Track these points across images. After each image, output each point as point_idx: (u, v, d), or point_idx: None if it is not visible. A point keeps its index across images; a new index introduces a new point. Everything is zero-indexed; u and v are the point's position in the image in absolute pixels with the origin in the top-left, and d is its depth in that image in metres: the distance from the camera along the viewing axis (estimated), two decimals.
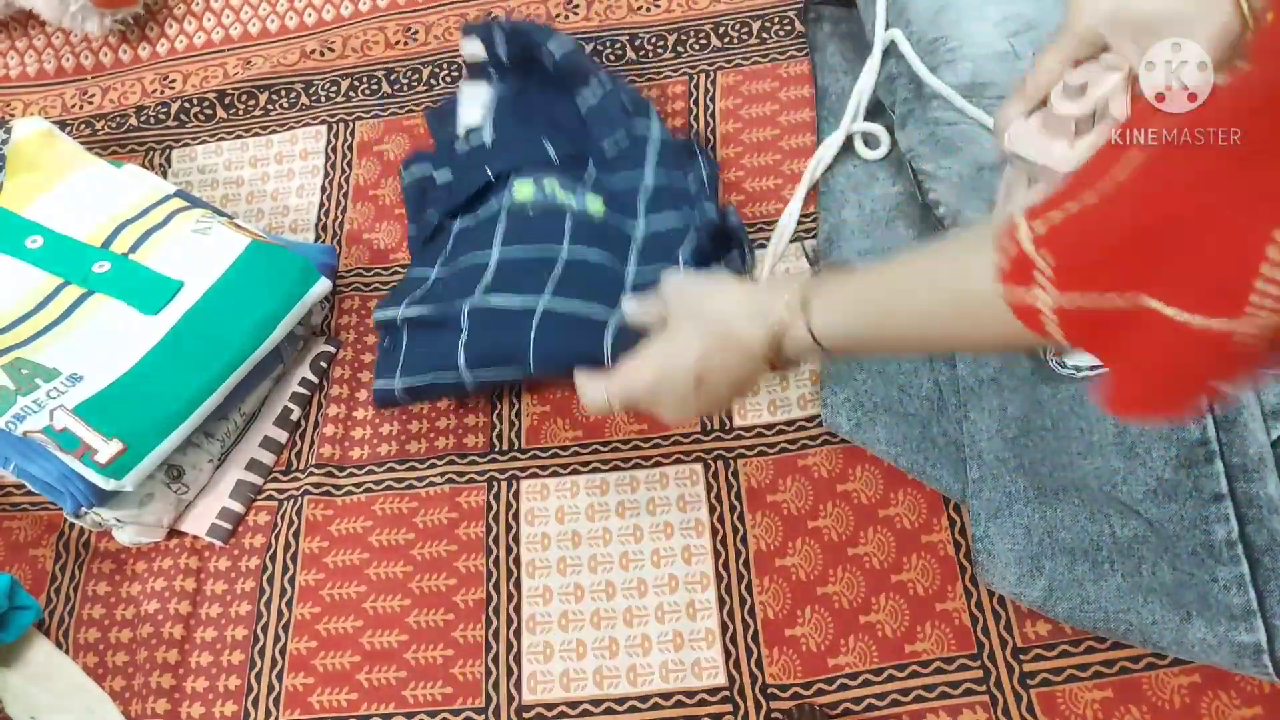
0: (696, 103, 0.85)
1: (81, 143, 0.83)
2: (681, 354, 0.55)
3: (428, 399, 0.74)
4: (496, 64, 0.83)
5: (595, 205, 0.75)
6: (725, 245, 0.75)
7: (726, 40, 0.88)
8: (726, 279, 0.58)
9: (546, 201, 0.74)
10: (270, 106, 0.93)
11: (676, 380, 0.56)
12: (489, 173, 0.78)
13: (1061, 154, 0.55)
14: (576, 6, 0.92)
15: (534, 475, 0.72)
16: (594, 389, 0.59)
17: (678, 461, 0.71)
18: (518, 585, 0.68)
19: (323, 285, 0.75)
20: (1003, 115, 0.57)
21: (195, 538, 0.73)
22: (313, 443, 0.76)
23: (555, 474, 0.72)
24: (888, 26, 0.77)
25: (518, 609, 0.67)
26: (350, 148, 0.89)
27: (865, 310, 0.52)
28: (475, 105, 0.82)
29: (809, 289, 0.52)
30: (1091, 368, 0.63)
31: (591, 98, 0.79)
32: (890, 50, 0.76)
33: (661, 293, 0.59)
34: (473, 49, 0.83)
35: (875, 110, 0.79)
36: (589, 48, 0.89)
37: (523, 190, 0.75)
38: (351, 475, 0.74)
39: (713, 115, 0.84)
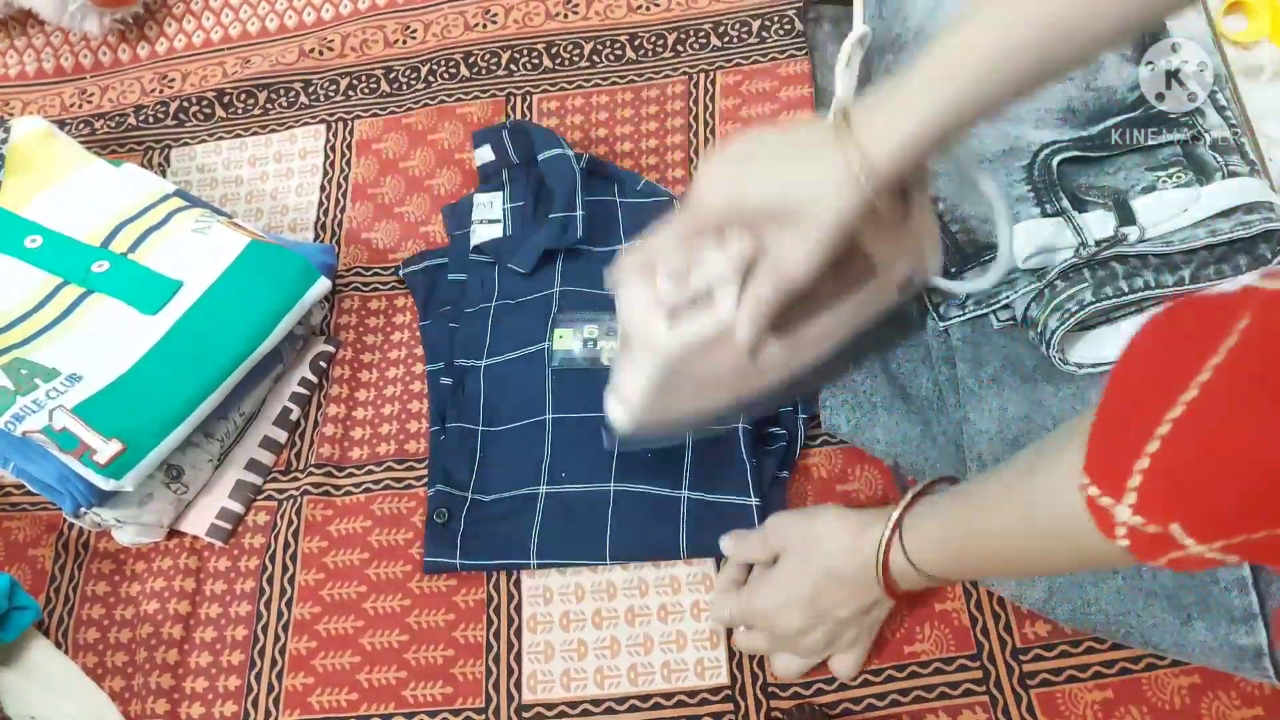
0: (696, 102, 0.85)
1: (80, 142, 0.83)
2: (797, 590, 0.58)
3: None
4: (508, 165, 0.83)
5: None
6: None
7: (726, 40, 0.88)
8: (825, 513, 0.59)
9: (590, 354, 0.72)
10: (269, 105, 0.92)
11: (795, 616, 0.58)
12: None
13: (658, 333, 0.51)
14: (576, 6, 0.92)
15: None
16: (720, 607, 0.63)
17: None
18: (518, 585, 0.68)
19: (322, 285, 0.75)
20: (619, 267, 0.53)
21: (195, 538, 0.73)
22: (312, 443, 0.76)
23: None
24: (881, 18, 0.77)
25: (519, 608, 0.67)
26: (349, 146, 0.89)
27: (953, 539, 0.51)
28: (493, 227, 0.80)
29: (905, 520, 0.53)
30: (1094, 365, 0.63)
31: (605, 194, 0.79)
32: (891, 44, 0.76)
33: (766, 531, 0.62)
34: (484, 154, 0.83)
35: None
36: (588, 47, 0.89)
37: (563, 339, 0.73)
38: (351, 475, 0.74)
39: (712, 115, 0.84)
